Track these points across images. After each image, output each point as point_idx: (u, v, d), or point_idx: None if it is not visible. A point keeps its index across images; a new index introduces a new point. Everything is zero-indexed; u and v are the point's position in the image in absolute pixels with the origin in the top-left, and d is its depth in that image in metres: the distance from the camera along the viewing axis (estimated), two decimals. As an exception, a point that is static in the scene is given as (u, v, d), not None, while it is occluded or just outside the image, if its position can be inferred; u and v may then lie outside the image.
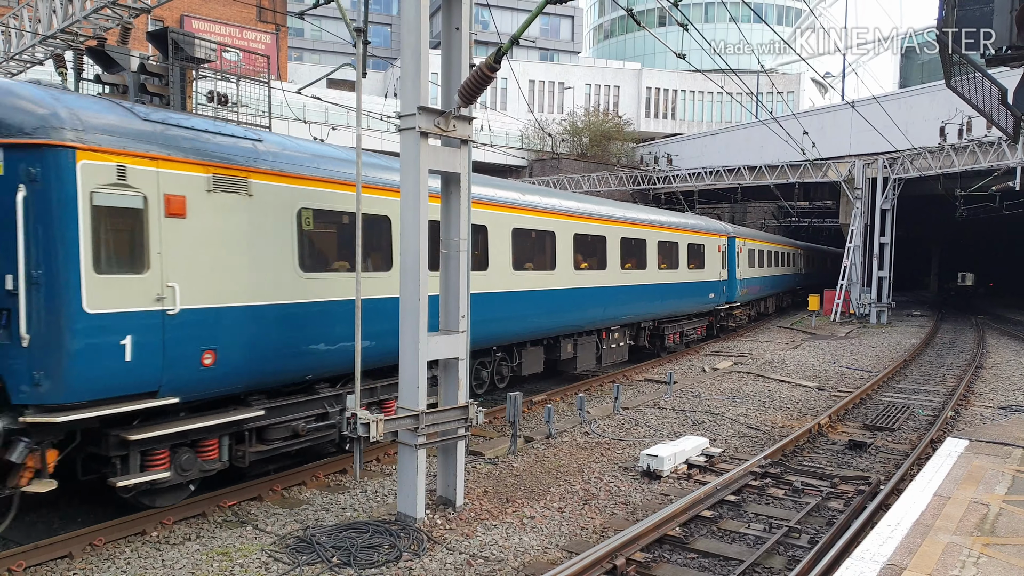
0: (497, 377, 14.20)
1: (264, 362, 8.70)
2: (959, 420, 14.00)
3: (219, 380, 8.25)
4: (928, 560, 5.95)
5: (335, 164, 9.87)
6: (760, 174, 39.81)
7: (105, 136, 7.25)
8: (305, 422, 9.43)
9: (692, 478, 10.12)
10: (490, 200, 12.80)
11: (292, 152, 9.39)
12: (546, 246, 14.94)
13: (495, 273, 12.91)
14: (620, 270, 17.59)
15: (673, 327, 21.96)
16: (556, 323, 15.31)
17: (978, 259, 67.57)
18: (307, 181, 9.31)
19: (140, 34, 25.56)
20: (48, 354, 6.79)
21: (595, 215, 16.64)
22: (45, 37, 15.43)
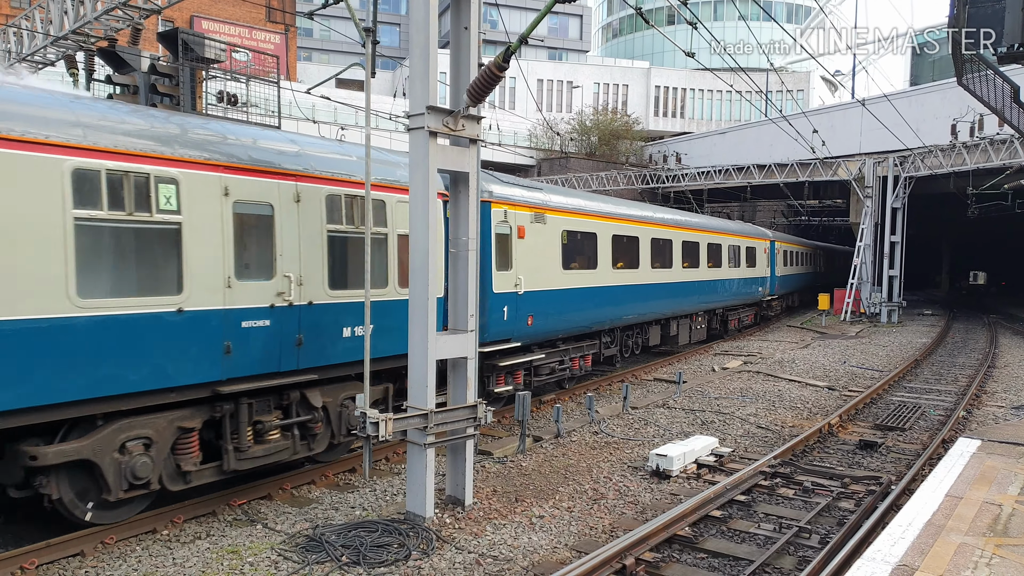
0: (625, 349, 18.78)
1: (551, 323, 14.41)
2: (971, 420, 13.90)
3: (534, 333, 13.91)
4: (940, 561, 5.92)
5: (586, 204, 16.36)
6: (770, 173, 39.64)
7: (502, 194, 13.09)
8: (558, 364, 15.12)
9: (702, 478, 10.09)
10: (600, 213, 16.76)
11: (560, 199, 15.33)
12: (667, 250, 19.96)
13: (603, 271, 16.55)
14: (706, 268, 22.88)
15: (734, 314, 27.29)
16: (665, 309, 20.14)
17: (990, 258, 67.06)
18: (565, 213, 15.07)
19: (150, 35, 25.69)
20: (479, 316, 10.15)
21: (692, 226, 22.36)
22: (57, 38, 15.53)
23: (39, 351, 6.58)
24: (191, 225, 7.74)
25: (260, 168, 8.44)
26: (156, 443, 7.71)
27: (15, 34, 17.61)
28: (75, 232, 6.82)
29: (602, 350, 17.10)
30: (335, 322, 9.32)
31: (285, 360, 8.74)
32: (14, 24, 17.78)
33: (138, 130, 7.56)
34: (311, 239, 9.00)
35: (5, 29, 18.24)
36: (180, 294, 7.65)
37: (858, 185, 35.35)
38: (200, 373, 7.76)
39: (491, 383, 12.89)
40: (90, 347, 6.94)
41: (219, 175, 8.04)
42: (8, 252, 6.39)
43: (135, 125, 7.60)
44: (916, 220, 38.27)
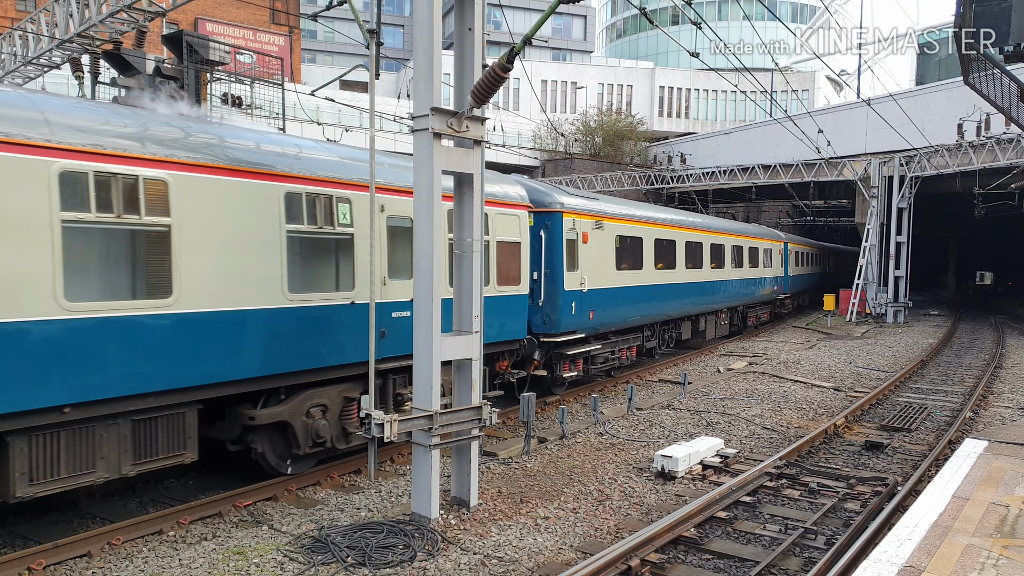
0: (663, 343, 20.52)
1: (607, 317, 16.23)
2: (978, 421, 13.85)
3: (594, 326, 15.67)
4: (947, 562, 5.89)
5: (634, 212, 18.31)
6: (775, 173, 39.57)
7: (575, 206, 15.03)
8: (610, 354, 16.90)
9: (707, 479, 10.08)
10: (645, 219, 18.67)
11: (614, 207, 17.21)
12: (698, 252, 21.98)
13: (648, 271, 18.38)
14: (730, 269, 24.87)
15: (753, 311, 29.29)
16: (696, 306, 22.24)
17: (997, 258, 66.84)
18: (618, 220, 16.82)
19: (155, 37, 25.77)
20: (551, 310, 14.20)
21: (718, 229, 24.23)
22: (62, 41, 15.59)
23: (269, 332, 8.67)
24: (360, 236, 9.69)
25: (407, 189, 9.79)
26: (330, 409, 9.74)
27: (20, 37, 17.68)
28: (287, 244, 8.86)
29: (644, 343, 18.94)
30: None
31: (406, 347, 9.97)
32: (20, 27, 17.85)
33: (331, 162, 9.68)
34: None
35: (11, 32, 18.31)
36: (352, 290, 9.72)
37: (864, 185, 35.26)
38: (364, 352, 8.88)
39: (559, 369, 14.89)
40: (299, 330, 9.04)
41: (379, 195, 9.86)
42: (244, 258, 8.45)
43: (329, 156, 9.83)
44: (922, 220, 38.16)
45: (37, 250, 6.69)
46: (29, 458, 6.87)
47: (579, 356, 15.40)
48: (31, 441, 6.87)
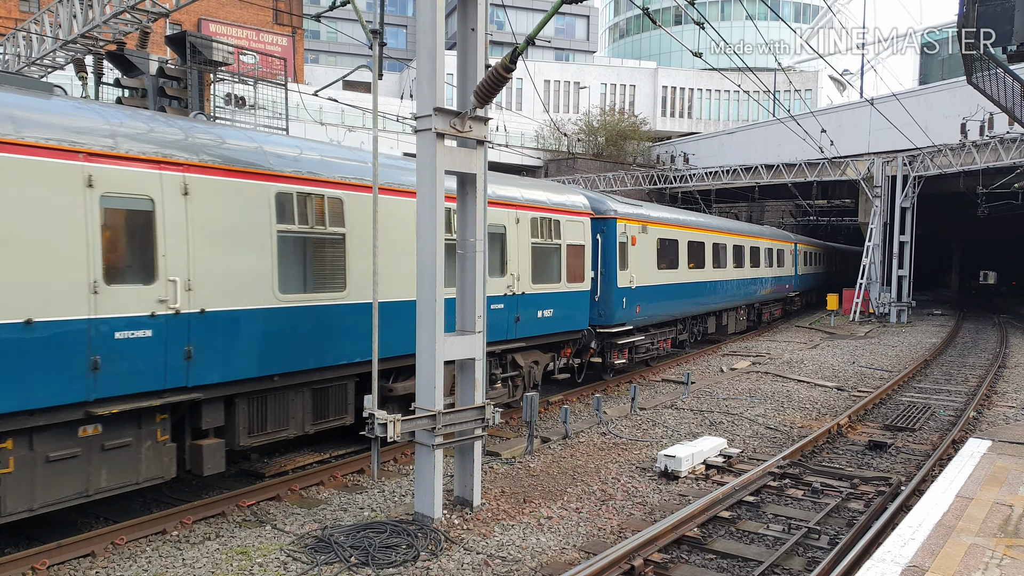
0: (691, 336, 22.44)
1: (650, 311, 18.05)
2: (981, 420, 13.83)
3: (640, 319, 17.57)
4: (950, 562, 5.89)
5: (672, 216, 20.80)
6: (778, 173, 39.53)
7: (626, 212, 16.97)
8: (650, 344, 18.66)
9: (710, 479, 10.07)
10: (680, 223, 20.92)
11: (656, 212, 19.16)
12: (723, 252, 24.13)
13: (682, 270, 20.31)
14: (749, 268, 26.79)
15: (767, 308, 31.14)
16: (720, 303, 24.14)
17: (1000, 257, 66.66)
18: (659, 224, 18.70)
19: (159, 38, 25.78)
20: (606, 304, 16.03)
21: (739, 231, 26.64)
22: (66, 42, 15.63)
23: (406, 318, 9.59)
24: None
25: (502, 202, 12.34)
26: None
27: (24, 38, 17.73)
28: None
29: (677, 335, 20.98)
30: (535, 306, 13.33)
31: (510, 331, 12.80)
32: (23, 28, 17.90)
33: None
34: (524, 249, 13.03)
35: (15, 33, 18.37)
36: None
37: (867, 185, 35.21)
38: None
39: (609, 357, 16.72)
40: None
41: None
42: (394, 260, 10.07)
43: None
44: (925, 220, 38.11)
45: (262, 255, 8.63)
46: (248, 416, 8.72)
47: (626, 346, 17.22)
48: (250, 403, 8.72)
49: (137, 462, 7.63)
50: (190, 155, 7.95)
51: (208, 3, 43.97)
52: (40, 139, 6.71)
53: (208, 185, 8.08)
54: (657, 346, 19.26)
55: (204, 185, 8.03)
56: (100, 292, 7.06)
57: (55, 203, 6.78)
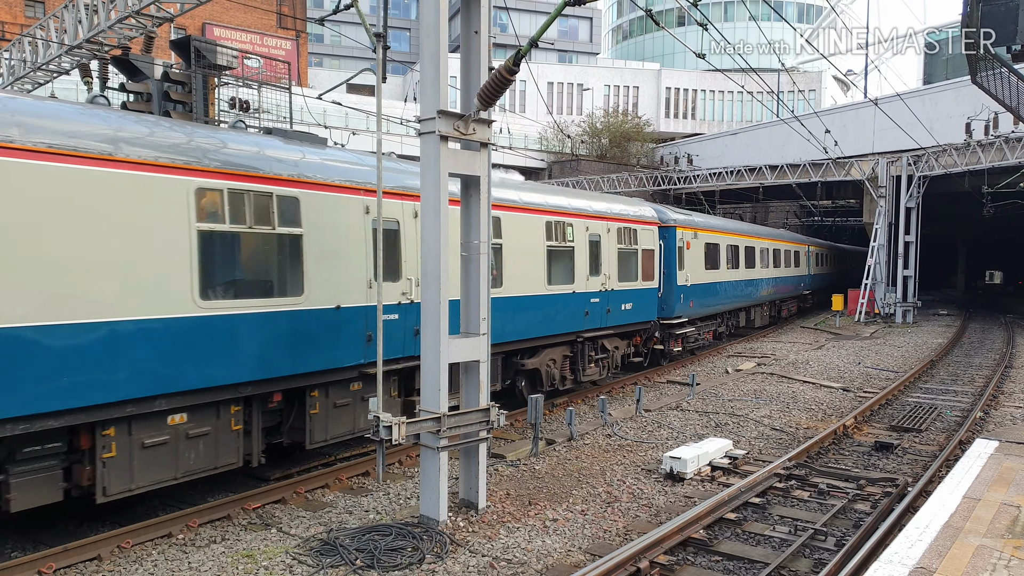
0: (729, 328, 25.58)
1: (699, 306, 20.84)
2: (988, 421, 13.77)
3: (692, 313, 20.24)
4: (958, 563, 5.86)
5: (716, 223, 24.30)
6: (782, 173, 39.47)
7: (682, 221, 19.87)
8: (697, 334, 21.48)
9: (716, 480, 10.05)
10: (722, 229, 24.02)
11: (703, 219, 22.48)
12: (753, 254, 27.16)
13: (723, 271, 23.15)
14: (772, 268, 29.90)
15: (785, 304, 33.93)
16: (749, 300, 27.18)
17: (1006, 257, 66.43)
18: (706, 231, 21.61)
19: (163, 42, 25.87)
20: (668, 300, 18.50)
21: (764, 235, 29.85)
22: (71, 47, 15.69)
23: (535, 308, 13.27)
24: (579, 248, 14.61)
25: (598, 215, 15.47)
26: (556, 361, 14.35)
27: (30, 43, 17.80)
28: (546, 254, 13.65)
29: (716, 327, 23.83)
30: (620, 300, 16.21)
31: (604, 321, 15.60)
32: (29, 33, 17.98)
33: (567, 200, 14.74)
34: (612, 253, 15.82)
35: (20, 39, 18.45)
36: (575, 283, 14.46)
37: (871, 185, 35.13)
38: (577, 325, 14.62)
39: (668, 345, 19.42)
40: (552, 308, 13.84)
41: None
42: (523, 261, 13.01)
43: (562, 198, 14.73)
44: (930, 219, 37.97)
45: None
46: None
47: (680, 336, 19.99)
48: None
49: (389, 409, 9.80)
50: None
51: (212, 7, 44.10)
52: (343, 181, 9.62)
53: None
54: (703, 336, 22.33)
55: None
56: (372, 287, 9.65)
57: (352, 225, 9.61)
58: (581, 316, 14.73)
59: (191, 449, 8.06)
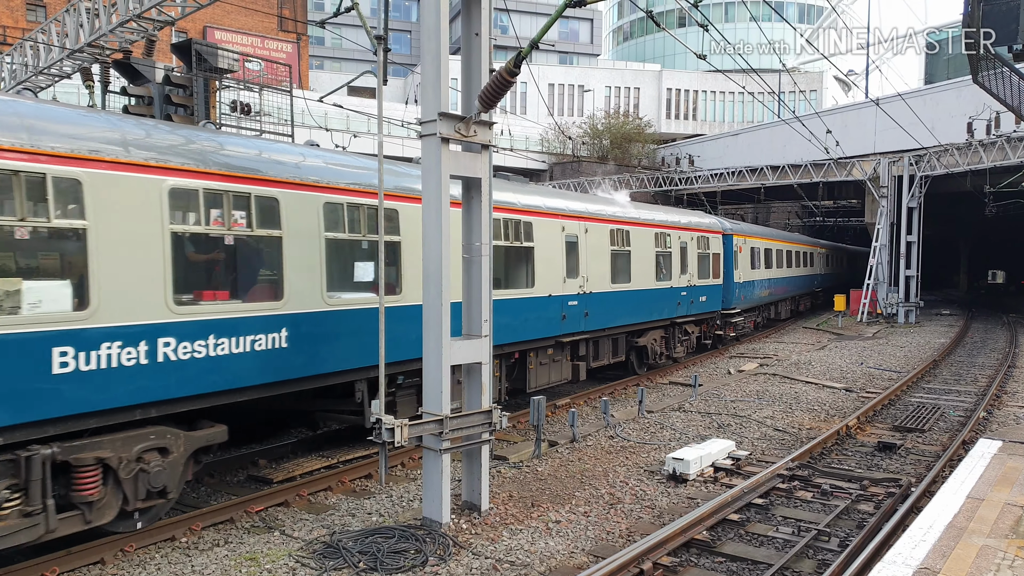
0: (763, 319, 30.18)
1: (748, 299, 25.41)
2: (992, 421, 13.75)
3: (743, 304, 24.63)
4: (962, 563, 5.85)
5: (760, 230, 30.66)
6: (783, 174, 39.43)
7: (737, 230, 24.82)
8: (743, 322, 25.40)
9: (719, 481, 10.04)
10: (764, 235, 29.46)
11: (750, 227, 27.64)
12: (784, 256, 31.80)
13: (761, 270, 27.25)
14: (794, 268, 33.95)
15: (802, 300, 37.68)
16: (781, 295, 31.90)
17: (1009, 256, 66.27)
18: (753, 237, 25.97)
19: (164, 46, 25.92)
20: (727, 294, 22.91)
21: (788, 239, 34.54)
22: (72, 51, 15.72)
23: (640, 301, 17.00)
24: (675, 252, 18.87)
25: (686, 227, 19.93)
26: (656, 341, 18.45)
27: (31, 47, 17.83)
28: (655, 257, 17.73)
29: (756, 318, 28.16)
30: (698, 294, 20.27)
31: (688, 310, 19.84)
32: (30, 37, 18.01)
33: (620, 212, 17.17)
34: (693, 256, 20.10)
35: (22, 43, 18.48)
36: (671, 280, 18.55)
37: (873, 185, 35.09)
38: (671, 312, 18.79)
39: (724, 330, 23.28)
40: (657, 299, 17.78)
41: (690, 233, 20.06)
42: (642, 263, 17.13)
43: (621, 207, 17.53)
44: (933, 219, 37.89)
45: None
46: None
47: (732, 324, 24.18)
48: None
49: (560, 369, 14.64)
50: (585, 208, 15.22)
51: (213, 11, 44.15)
52: (548, 209, 13.91)
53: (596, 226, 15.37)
54: (747, 325, 26.71)
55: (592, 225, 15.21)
56: (565, 281, 14.09)
57: (555, 239, 13.87)
58: (674, 306, 19.05)
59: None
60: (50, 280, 6.65)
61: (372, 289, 9.48)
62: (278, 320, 8.44)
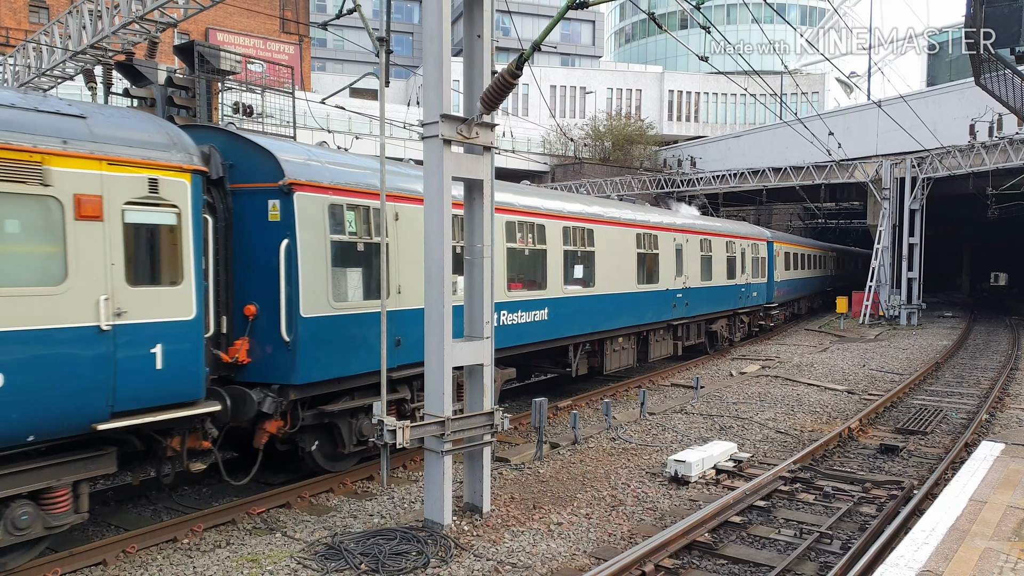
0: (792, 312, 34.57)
1: (783, 295, 30.53)
2: (994, 423, 13.72)
3: (779, 299, 29.77)
4: (965, 566, 5.84)
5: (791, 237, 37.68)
6: (785, 176, 39.43)
7: (776, 237, 30.17)
8: (777, 313, 30.73)
9: (721, 483, 10.03)
10: (795, 242, 34.57)
11: (783, 234, 35.86)
12: (807, 259, 36.76)
13: (785, 272, 30.68)
14: (810, 270, 37.61)
15: (816, 299, 40.85)
16: (803, 293, 36.23)
17: (1011, 258, 66.16)
18: (785, 243, 32.09)
19: (167, 48, 25.93)
20: (767, 290, 27.53)
21: (808, 244, 38.87)
22: (75, 53, 15.75)
23: (712, 296, 21.64)
24: (737, 257, 23.65)
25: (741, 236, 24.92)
26: (723, 326, 23.14)
27: (35, 49, 17.87)
28: (726, 260, 22.97)
29: (784, 312, 32.30)
30: (751, 290, 24.73)
31: (744, 302, 24.29)
32: (34, 39, 18.04)
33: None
34: (748, 260, 24.33)
35: (25, 44, 18.52)
36: (736, 278, 23.59)
37: (875, 187, 35.08)
38: (734, 304, 23.64)
39: (766, 321, 28.29)
40: (727, 293, 23.01)
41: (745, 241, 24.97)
42: (719, 264, 22.58)
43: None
44: (935, 221, 37.89)
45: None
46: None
47: (771, 316, 28.81)
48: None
49: (667, 345, 18.85)
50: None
51: (215, 12, 44.24)
52: (664, 224, 18.82)
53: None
54: (780, 316, 31.04)
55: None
56: (675, 279, 18.41)
57: (671, 245, 18.50)
58: (736, 299, 23.87)
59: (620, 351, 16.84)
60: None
61: (581, 283, 14.82)
62: (543, 303, 13.60)
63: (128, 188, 6.89)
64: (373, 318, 8.80)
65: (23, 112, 6.38)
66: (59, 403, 6.40)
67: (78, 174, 6.53)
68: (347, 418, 9.48)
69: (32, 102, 6.60)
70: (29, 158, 6.21)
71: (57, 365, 6.36)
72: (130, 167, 6.90)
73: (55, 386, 6.34)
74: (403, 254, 9.88)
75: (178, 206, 7.27)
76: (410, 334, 9.71)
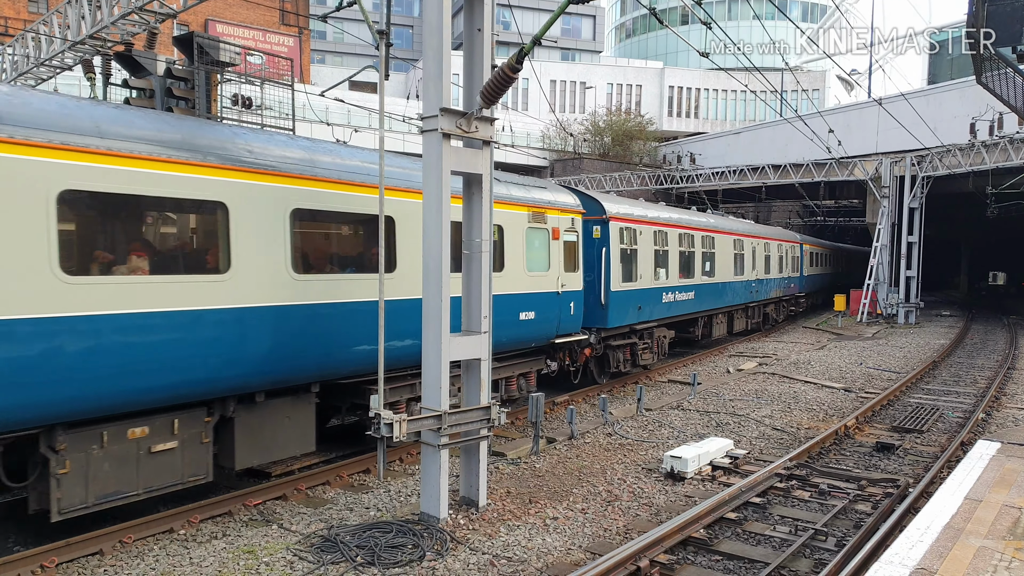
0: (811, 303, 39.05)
1: (807, 288, 37.10)
2: (990, 422, 13.75)
3: (805, 290, 36.62)
4: (959, 564, 5.86)
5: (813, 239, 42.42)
6: (785, 173, 39.39)
7: (805, 239, 38.15)
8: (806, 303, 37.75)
9: (716, 480, 10.05)
10: (818, 243, 41.27)
11: (809, 237, 41.95)
12: (826, 257, 42.39)
13: (809, 268, 36.07)
14: (821, 267, 40.79)
15: (822, 293, 42.13)
16: (820, 287, 40.23)
17: (1010, 258, 66.25)
18: (809, 244, 38.16)
19: (166, 39, 25.83)
20: (798, 283, 34.49)
21: (820, 243, 42.33)
22: (74, 43, 15.67)
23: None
24: (775, 256, 29.65)
25: (775, 237, 30.94)
26: (770, 310, 29.82)
27: (33, 39, 17.80)
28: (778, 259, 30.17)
29: (807, 302, 37.20)
30: (780, 284, 30.09)
31: (771, 293, 29.09)
32: (32, 29, 17.98)
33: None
34: (782, 258, 30.69)
35: (24, 34, 18.45)
36: (780, 273, 29.99)
37: (875, 185, 35.06)
38: (781, 292, 30.51)
39: (794, 307, 33.42)
40: (772, 284, 29.10)
41: (775, 242, 29.73)
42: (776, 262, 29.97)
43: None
44: (934, 220, 37.92)
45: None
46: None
47: (800, 303, 34.78)
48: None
49: (746, 322, 26.67)
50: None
51: (215, 4, 44.10)
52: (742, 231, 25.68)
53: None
54: (805, 305, 36.39)
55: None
56: (752, 271, 25.66)
57: (748, 246, 25.29)
58: (783, 288, 29.72)
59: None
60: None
61: (708, 275, 21.04)
62: (691, 287, 19.84)
63: (564, 223, 13.74)
64: (634, 292, 16.60)
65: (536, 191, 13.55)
66: (547, 327, 13.21)
67: (559, 219, 13.62)
68: (616, 351, 16.46)
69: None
70: (544, 211, 13.27)
71: (550, 308, 13.21)
72: (566, 213, 13.94)
73: (548, 319, 13.17)
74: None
75: (577, 231, 14.18)
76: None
